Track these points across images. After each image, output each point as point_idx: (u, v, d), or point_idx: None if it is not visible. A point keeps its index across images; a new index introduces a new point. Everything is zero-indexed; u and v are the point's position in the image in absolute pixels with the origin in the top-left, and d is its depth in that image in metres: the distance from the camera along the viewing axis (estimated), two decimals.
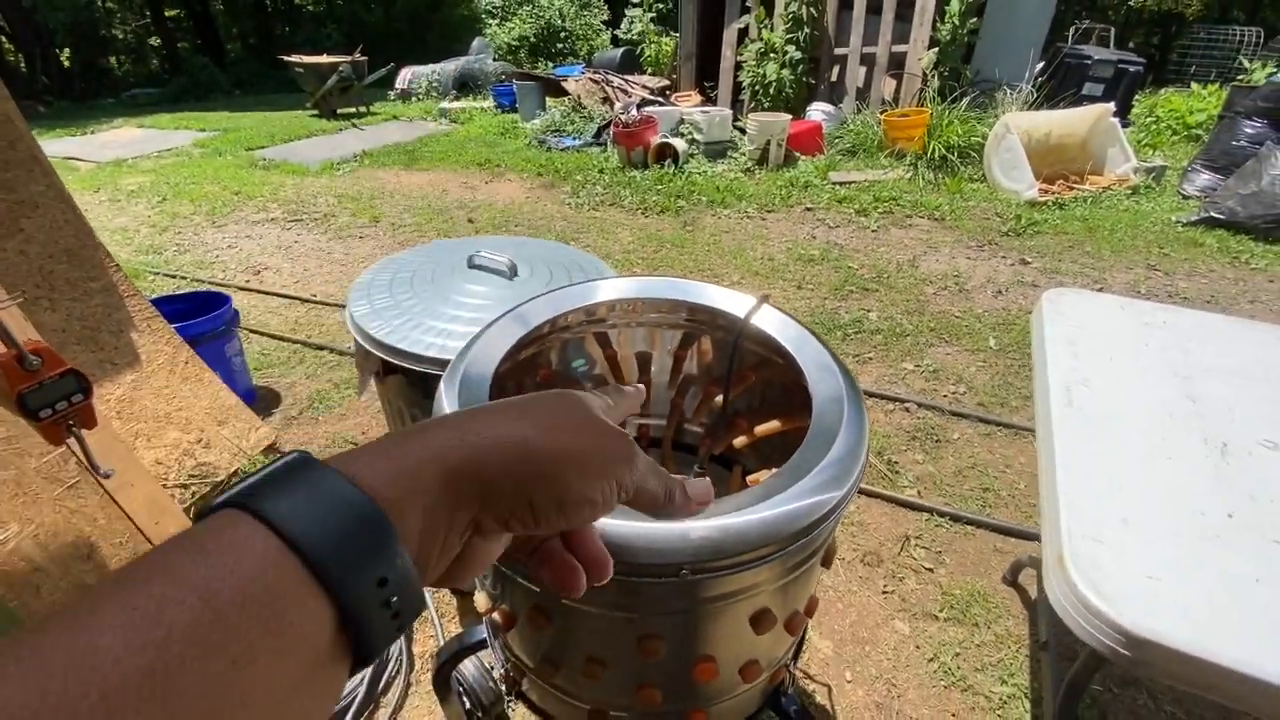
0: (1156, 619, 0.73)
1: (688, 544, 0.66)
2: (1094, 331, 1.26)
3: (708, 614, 0.75)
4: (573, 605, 0.75)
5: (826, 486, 0.73)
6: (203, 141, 7.18)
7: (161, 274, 3.75)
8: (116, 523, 1.81)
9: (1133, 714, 1.48)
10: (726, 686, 0.86)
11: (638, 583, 0.68)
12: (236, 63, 14.78)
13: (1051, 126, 4.75)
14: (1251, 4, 12.78)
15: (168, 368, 2.11)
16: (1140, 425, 1.02)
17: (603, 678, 0.81)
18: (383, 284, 1.43)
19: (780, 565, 0.73)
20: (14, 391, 0.94)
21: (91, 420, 1.03)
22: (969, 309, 3.26)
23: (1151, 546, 0.82)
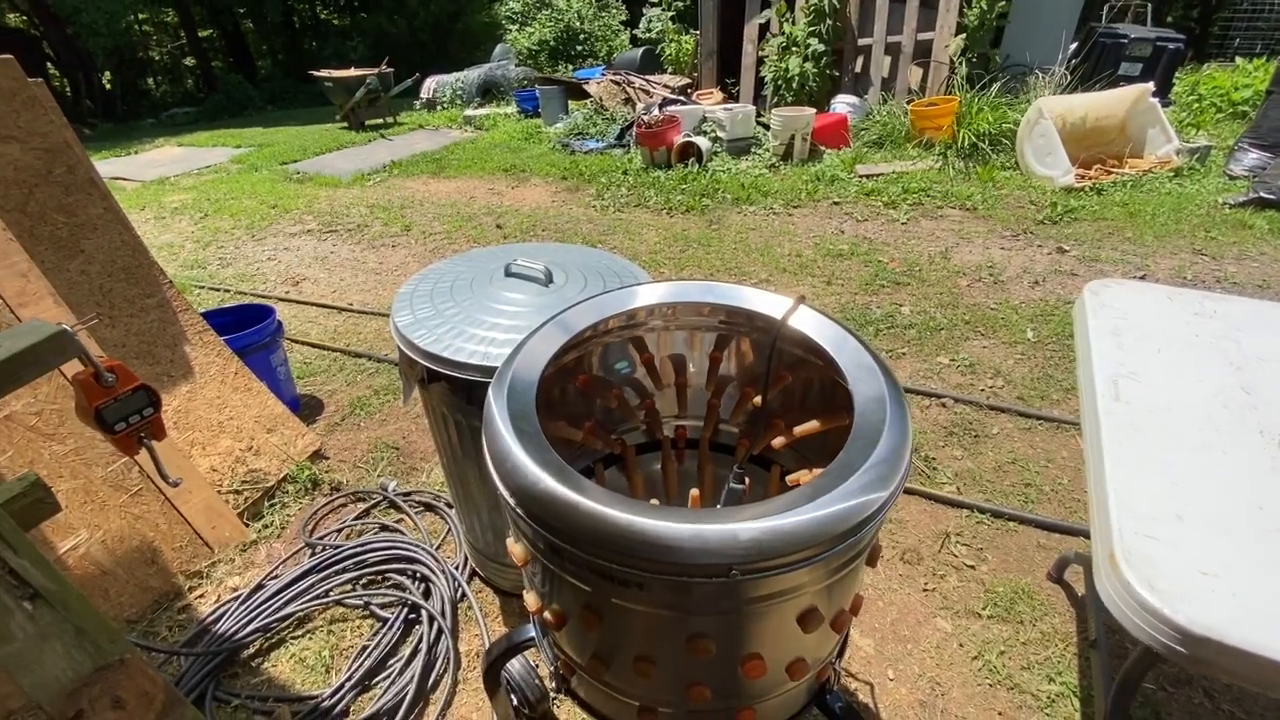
0: (1214, 615, 0.72)
1: (738, 545, 0.68)
2: (1140, 323, 1.23)
3: (756, 613, 0.77)
4: (624, 605, 0.77)
5: (872, 487, 0.74)
6: (239, 157, 7.42)
7: (206, 288, 3.90)
8: (177, 527, 1.90)
9: (1188, 713, 1.45)
10: (774, 684, 0.88)
11: (688, 583, 0.70)
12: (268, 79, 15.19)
13: (1087, 109, 4.62)
14: None
15: (219, 379, 2.19)
16: (1192, 418, 1.00)
17: (653, 675, 0.83)
18: (424, 294, 1.48)
19: (827, 565, 0.75)
20: (91, 406, 1.00)
21: (161, 432, 1.08)
22: (1005, 300, 3.19)
23: (1207, 542, 0.81)
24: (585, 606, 0.81)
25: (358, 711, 1.52)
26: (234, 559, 1.95)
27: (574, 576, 0.79)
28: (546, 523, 0.74)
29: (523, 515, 0.76)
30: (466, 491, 1.60)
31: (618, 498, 0.72)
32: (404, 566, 1.85)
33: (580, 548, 0.72)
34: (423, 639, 1.64)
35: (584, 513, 0.71)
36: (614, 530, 0.69)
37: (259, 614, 1.73)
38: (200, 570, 1.90)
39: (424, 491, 2.16)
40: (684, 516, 0.70)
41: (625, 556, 0.69)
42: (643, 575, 0.70)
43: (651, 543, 0.68)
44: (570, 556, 0.75)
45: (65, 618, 0.86)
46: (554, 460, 0.78)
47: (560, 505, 0.73)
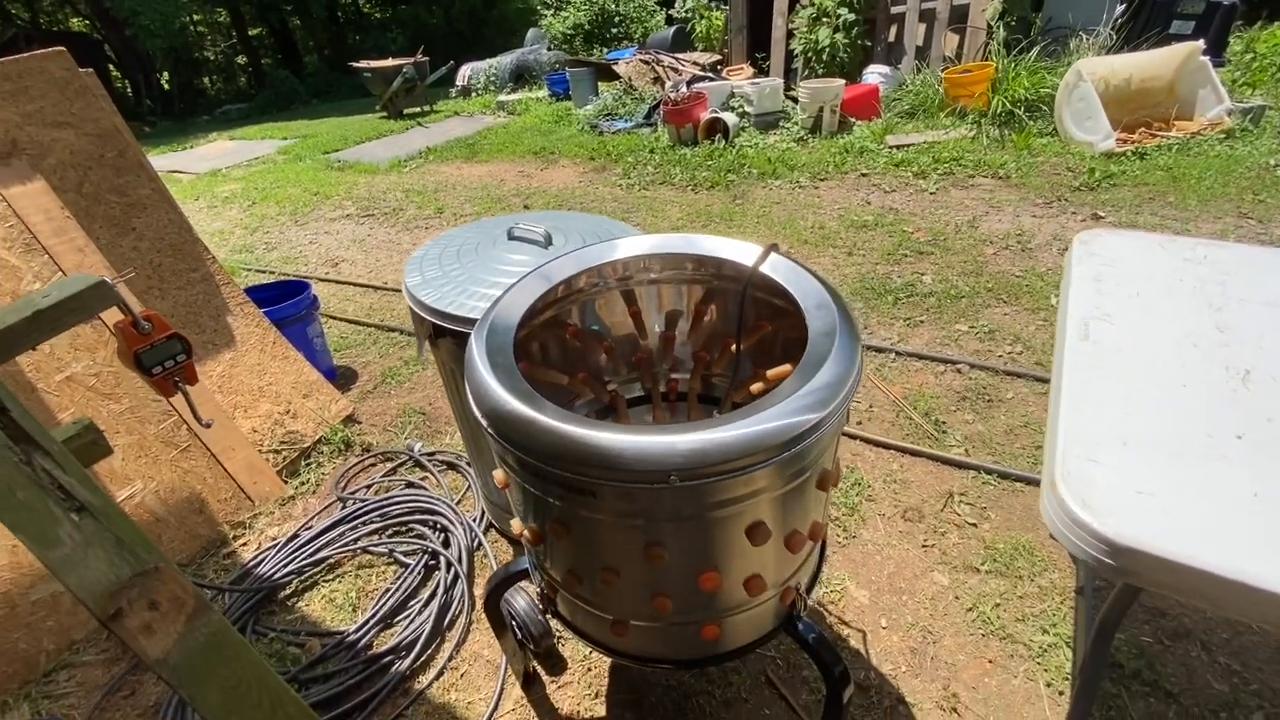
0: (1142, 528, 0.75)
1: (676, 453, 0.74)
2: (1124, 269, 1.23)
3: (704, 523, 0.83)
4: (585, 515, 0.85)
5: (809, 409, 0.80)
6: (285, 149, 7.74)
7: (253, 270, 4.13)
8: (222, 482, 2.07)
9: (1184, 665, 1.44)
10: (733, 600, 0.94)
11: (633, 489, 0.77)
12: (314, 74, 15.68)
13: (1132, 71, 4.40)
14: None
15: (259, 347, 2.36)
16: (1159, 355, 1.01)
17: (618, 586, 0.91)
18: (433, 258, 1.58)
19: (767, 478, 0.81)
20: (131, 351, 1.13)
21: (193, 377, 1.21)
22: (1030, 268, 3.12)
23: (1149, 465, 0.83)
24: (555, 520, 0.89)
25: (380, 645, 1.65)
26: (273, 511, 2.11)
27: (541, 491, 0.87)
28: (512, 439, 0.82)
29: (494, 435, 0.85)
30: (479, 445, 1.70)
31: (573, 416, 0.80)
32: (425, 518, 1.98)
33: (540, 459, 0.79)
34: (440, 583, 1.77)
35: (541, 428, 0.79)
36: (567, 442, 0.77)
37: (294, 559, 1.89)
38: (243, 520, 2.07)
39: (446, 452, 2.29)
40: (630, 430, 0.77)
41: (576, 465, 0.77)
42: (593, 482, 0.78)
43: (599, 452, 0.75)
44: (534, 470, 0.83)
45: (107, 528, 0.99)
46: (521, 387, 0.86)
47: (522, 423, 0.80)
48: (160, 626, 0.99)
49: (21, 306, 1.02)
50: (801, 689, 1.49)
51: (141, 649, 0.94)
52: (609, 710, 1.48)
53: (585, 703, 1.50)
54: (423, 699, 1.54)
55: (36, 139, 2.01)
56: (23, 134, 1.98)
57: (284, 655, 1.64)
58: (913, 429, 2.21)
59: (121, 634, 0.93)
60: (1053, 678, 1.45)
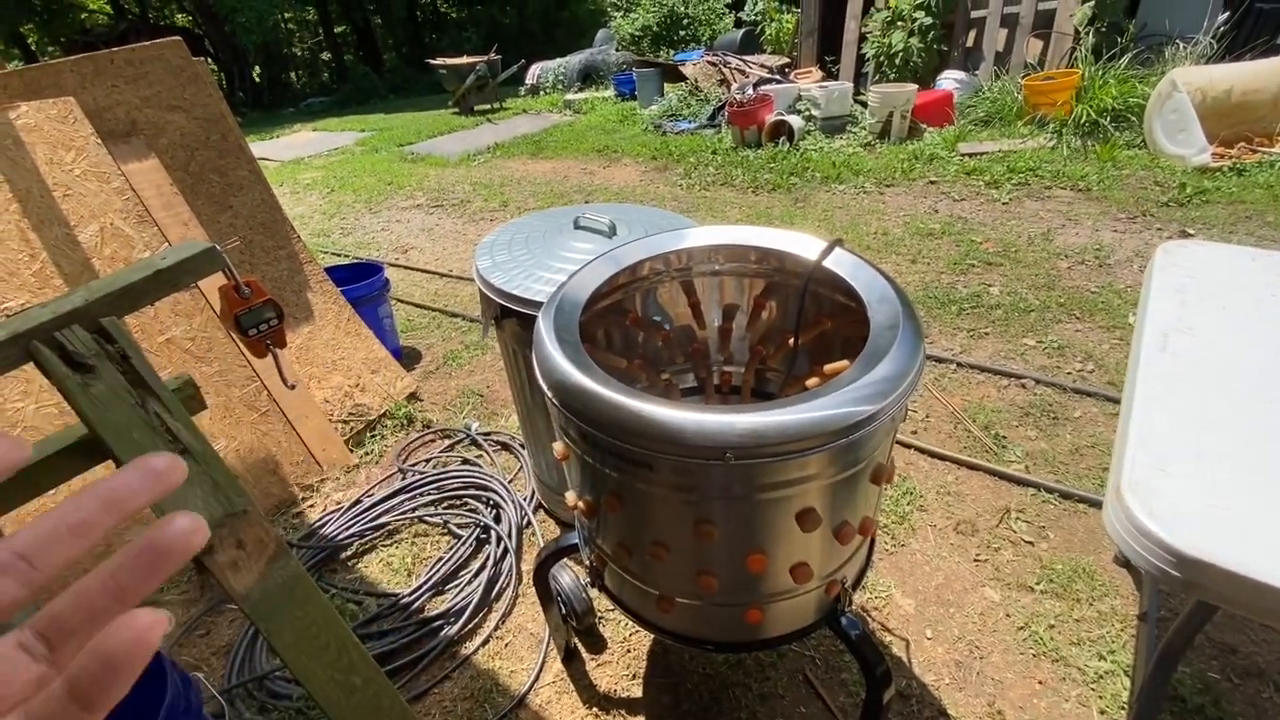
0: (1214, 541, 0.73)
1: (734, 431, 0.77)
2: (1209, 280, 1.18)
3: (756, 504, 0.85)
4: (640, 488, 0.88)
5: (868, 400, 0.81)
6: (363, 141, 8.11)
7: (330, 253, 4.36)
8: (295, 447, 2.20)
9: (1254, 706, 1.36)
10: (779, 585, 0.96)
11: (688, 463, 0.80)
12: (392, 70, 16.35)
13: (1233, 82, 4.12)
14: None
15: (334, 323, 2.50)
16: (1244, 371, 0.97)
17: (666, 560, 0.94)
18: (503, 243, 1.65)
19: (821, 464, 0.82)
20: (231, 313, 1.23)
21: (283, 340, 1.31)
22: (1108, 284, 2.98)
23: (1222, 478, 0.80)
24: (611, 492, 0.93)
25: (431, 609, 1.73)
26: (339, 477, 2.24)
27: (599, 462, 0.91)
28: (576, 410, 0.86)
29: (559, 405, 0.89)
30: (534, 426, 1.77)
31: (634, 391, 0.83)
32: (479, 494, 2.06)
33: (602, 430, 0.83)
34: (490, 556, 1.84)
35: (604, 400, 0.83)
36: (628, 415, 0.80)
37: (356, 523, 2.00)
38: (311, 484, 2.20)
39: (502, 433, 2.37)
40: (689, 407, 0.80)
41: (636, 437, 0.80)
42: (651, 455, 0.81)
43: (659, 426, 0.79)
44: (595, 441, 0.87)
45: (205, 471, 1.09)
46: (586, 362, 0.91)
47: (586, 395, 0.85)
48: (245, 564, 1.07)
49: (144, 266, 1.14)
50: (839, 691, 1.48)
51: (229, 583, 1.03)
52: (646, 692, 1.51)
53: (623, 683, 1.54)
54: (468, 664, 1.61)
55: (153, 120, 2.19)
56: (141, 115, 2.17)
57: (344, 610, 1.74)
58: (971, 442, 2.16)
59: (212, 568, 1.02)
60: (1107, 705, 1.40)
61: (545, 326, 0.99)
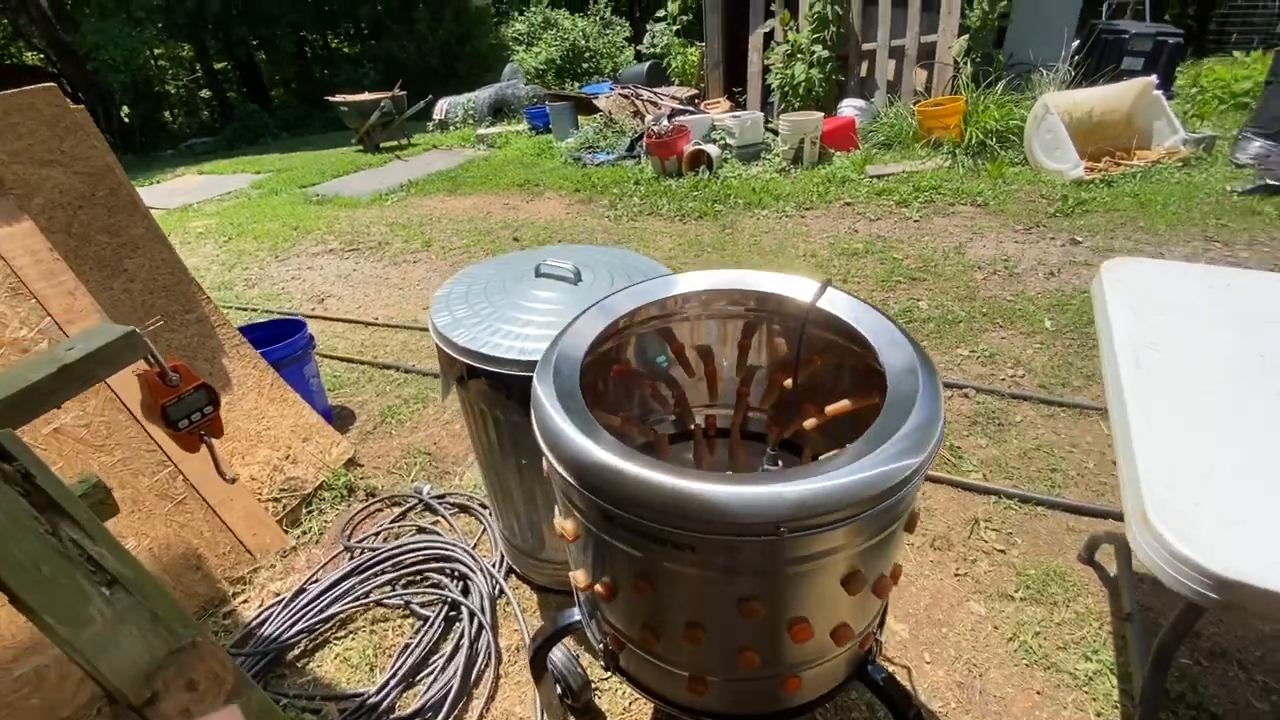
0: (1244, 561, 0.75)
1: (784, 504, 0.71)
2: (1155, 297, 1.26)
3: (803, 574, 0.80)
4: (675, 569, 0.81)
5: (908, 452, 0.78)
6: (259, 183, 7.60)
7: (234, 308, 4.00)
8: (219, 535, 1.96)
9: (1225, 686, 1.45)
10: (819, 650, 0.91)
11: (738, 542, 0.74)
12: (282, 107, 15.58)
13: (1092, 104, 4.63)
14: None
15: (256, 390, 2.27)
16: (1210, 382, 1.03)
17: (703, 641, 0.87)
18: (460, 296, 1.54)
19: (868, 525, 0.78)
20: (157, 404, 1.06)
21: (220, 429, 1.14)
22: (1021, 292, 3.21)
23: (1232, 493, 0.83)
24: (638, 574, 0.85)
25: (403, 707, 1.56)
26: (275, 564, 2.00)
27: (626, 544, 0.82)
28: (602, 490, 0.78)
29: (577, 487, 0.81)
30: (504, 487, 1.64)
31: (666, 465, 0.77)
32: (442, 565, 1.89)
33: (635, 512, 0.76)
34: (464, 635, 1.68)
35: (638, 479, 0.75)
36: (667, 494, 0.73)
37: (302, 616, 1.78)
38: (243, 576, 1.95)
39: (458, 494, 2.21)
40: (732, 479, 0.74)
41: (678, 518, 0.73)
42: (695, 536, 0.74)
43: (703, 504, 0.72)
44: (624, 523, 0.79)
45: (141, 602, 0.92)
46: (604, 435, 0.83)
47: (614, 473, 0.77)
48: (199, 709, 0.91)
49: (45, 362, 0.95)
50: None
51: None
52: None
53: None
54: None
55: (24, 178, 1.92)
56: (9, 172, 1.89)
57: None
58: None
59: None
60: (1101, 706, 1.44)
61: (546, 394, 0.90)
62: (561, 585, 1.80)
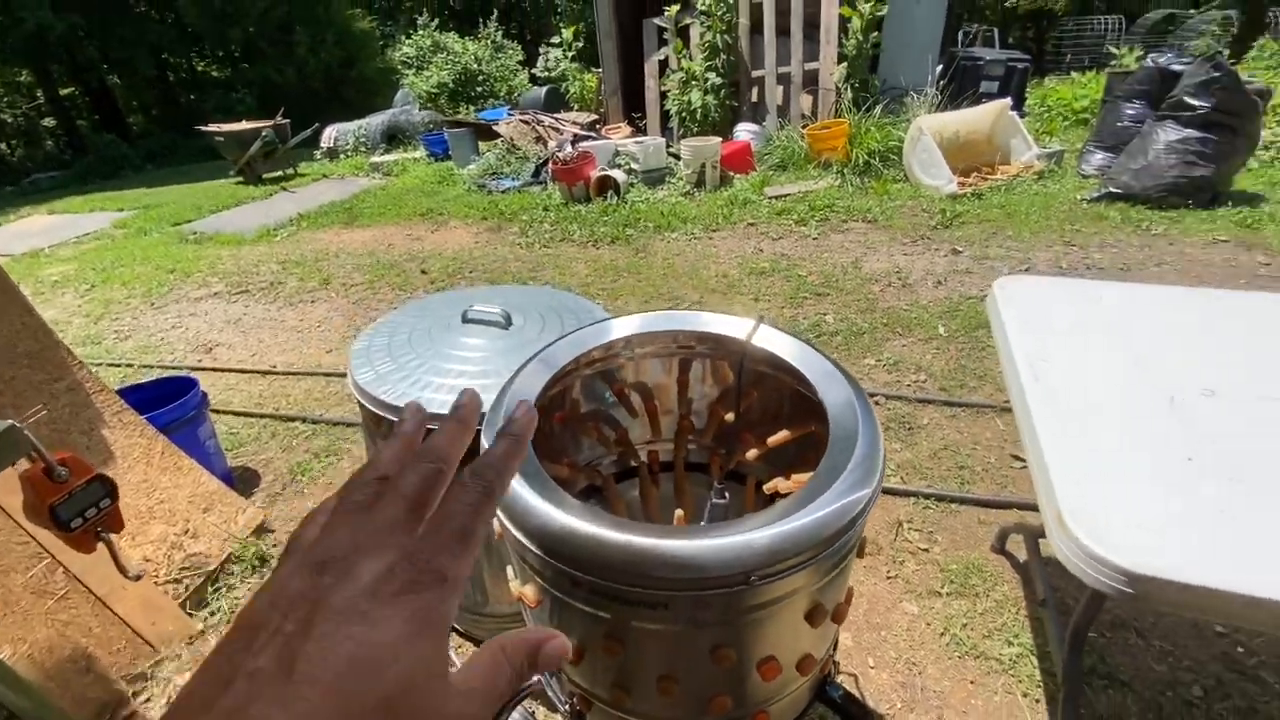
0: (1152, 557, 0.84)
1: (754, 553, 0.73)
2: (1043, 311, 1.41)
3: (770, 616, 0.82)
4: (646, 627, 0.80)
5: (859, 484, 0.82)
6: (123, 222, 6.90)
7: (105, 364, 3.59)
8: (112, 629, 1.74)
9: (1128, 654, 1.62)
10: (786, 683, 0.93)
11: (711, 595, 0.75)
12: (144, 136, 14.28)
13: (958, 125, 5.13)
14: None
15: (144, 460, 2.04)
16: (1098, 389, 1.16)
17: (675, 694, 0.86)
18: (381, 348, 1.46)
19: (829, 559, 0.81)
20: (44, 504, 0.93)
21: (119, 523, 1.02)
22: (915, 301, 3.47)
23: (1132, 494, 0.94)
24: (607, 635, 0.83)
25: None
26: (181, 654, 1.80)
27: (594, 606, 0.81)
28: (568, 557, 0.76)
29: (541, 555, 0.78)
30: None
31: (633, 524, 0.76)
32: None
33: (606, 576, 0.74)
34: None
35: (608, 542, 0.74)
36: (639, 554, 0.73)
37: None
38: (144, 672, 1.74)
39: None
40: (700, 533, 0.75)
41: (650, 579, 0.73)
42: (668, 595, 0.74)
43: (676, 561, 0.72)
44: (592, 587, 0.77)
45: None
46: (564, 497, 0.81)
47: (582, 539, 0.75)
48: None
49: None
50: None
51: None
52: None
53: None
54: None
55: None
56: None
57: None
58: None
59: None
60: (1027, 687, 1.56)
61: None
62: None
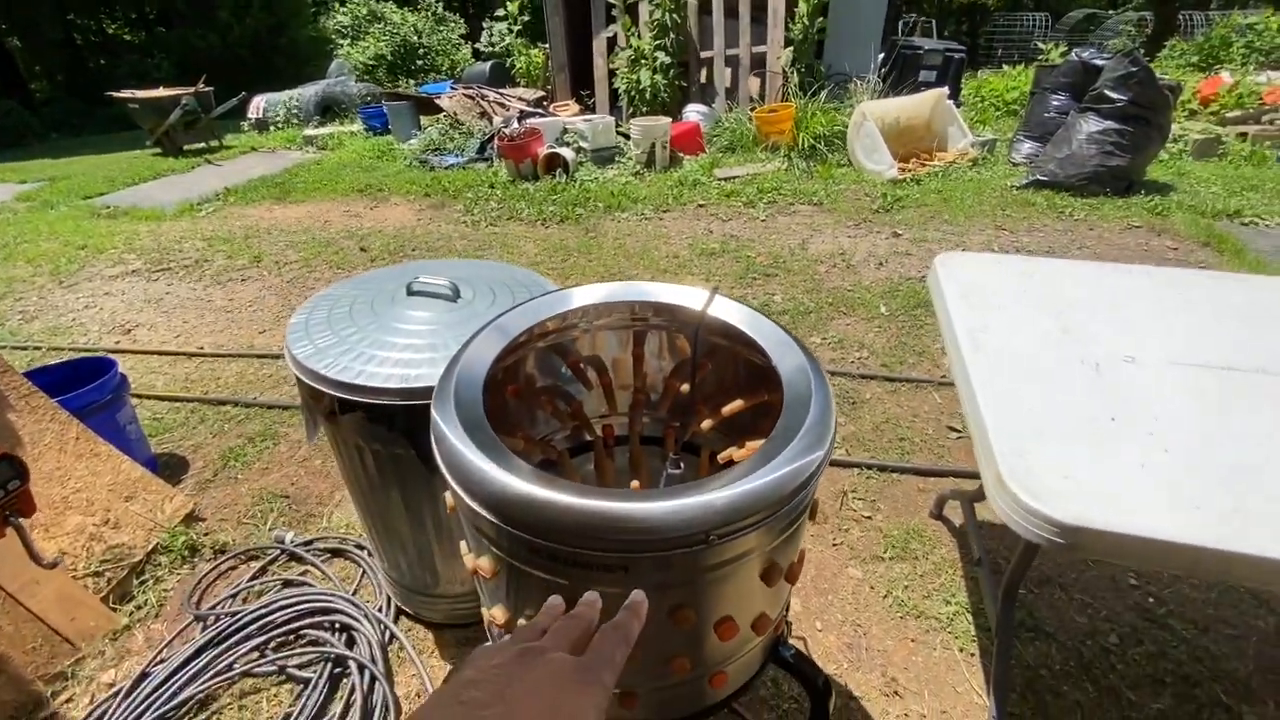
0: (1082, 509, 0.90)
1: (713, 512, 0.73)
2: (981, 286, 1.47)
3: (728, 575, 0.83)
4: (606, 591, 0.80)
5: (812, 447, 0.83)
6: (26, 194, 6.33)
7: (9, 347, 3.30)
8: (25, 626, 1.62)
9: (1053, 608, 1.73)
10: (742, 643, 0.94)
11: (669, 556, 0.75)
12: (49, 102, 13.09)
13: (899, 112, 5.28)
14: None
15: (56, 447, 1.89)
16: (1032, 357, 1.22)
17: (637, 657, 0.86)
18: (320, 321, 1.39)
19: (783, 519, 0.83)
20: None
21: (30, 506, 0.94)
22: (858, 282, 3.57)
23: (1063, 453, 0.99)
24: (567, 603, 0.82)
25: None
26: (104, 651, 1.69)
27: (553, 573, 0.80)
28: (527, 524, 0.75)
29: (499, 524, 0.77)
30: (388, 525, 1.52)
31: (592, 489, 0.75)
32: (319, 620, 1.71)
33: (566, 541, 0.74)
34: (354, 690, 1.54)
35: (566, 507, 0.73)
36: (598, 518, 0.72)
37: (148, 706, 1.52)
38: (63, 671, 1.63)
39: (328, 537, 2.01)
40: (659, 495, 0.74)
41: (611, 542, 0.72)
42: (628, 557, 0.74)
43: (636, 524, 0.72)
44: (551, 554, 0.76)
45: None
46: (520, 464, 0.79)
47: (539, 505, 0.74)
48: None
49: None
50: (762, 709, 1.53)
51: None
52: None
53: None
54: None
55: None
56: None
57: None
58: None
59: None
60: (963, 643, 1.65)
61: (451, 427, 0.85)
62: (461, 620, 1.71)
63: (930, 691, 1.54)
